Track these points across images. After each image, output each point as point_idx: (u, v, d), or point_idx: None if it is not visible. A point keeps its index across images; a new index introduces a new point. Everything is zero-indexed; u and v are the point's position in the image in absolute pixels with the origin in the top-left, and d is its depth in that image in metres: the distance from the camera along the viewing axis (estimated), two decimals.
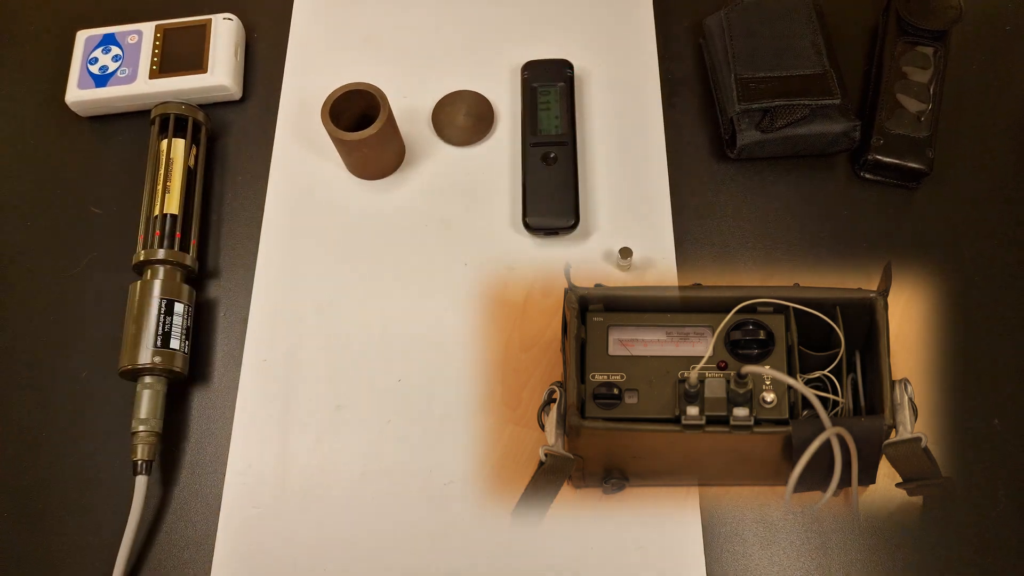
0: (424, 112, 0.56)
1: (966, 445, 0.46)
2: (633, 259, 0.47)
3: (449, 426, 0.47)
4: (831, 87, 0.51)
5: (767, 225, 0.52)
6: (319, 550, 0.44)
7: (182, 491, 0.47)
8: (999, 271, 0.50)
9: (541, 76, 0.55)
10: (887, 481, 0.44)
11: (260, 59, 0.60)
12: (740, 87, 0.52)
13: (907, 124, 0.52)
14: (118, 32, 0.58)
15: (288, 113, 0.57)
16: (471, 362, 0.49)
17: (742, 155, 0.53)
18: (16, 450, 0.48)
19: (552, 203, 0.51)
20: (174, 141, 0.53)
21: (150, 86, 0.56)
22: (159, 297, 0.48)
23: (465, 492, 0.45)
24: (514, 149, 0.55)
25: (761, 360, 0.40)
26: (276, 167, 0.55)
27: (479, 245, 0.52)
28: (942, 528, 0.44)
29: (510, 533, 0.44)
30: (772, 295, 0.41)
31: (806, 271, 0.51)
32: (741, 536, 0.44)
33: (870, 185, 0.53)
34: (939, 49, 0.53)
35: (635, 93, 0.56)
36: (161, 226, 0.50)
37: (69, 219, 0.55)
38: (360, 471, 0.46)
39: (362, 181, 0.55)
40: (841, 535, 0.44)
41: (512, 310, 0.50)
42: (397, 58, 0.58)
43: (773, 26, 0.53)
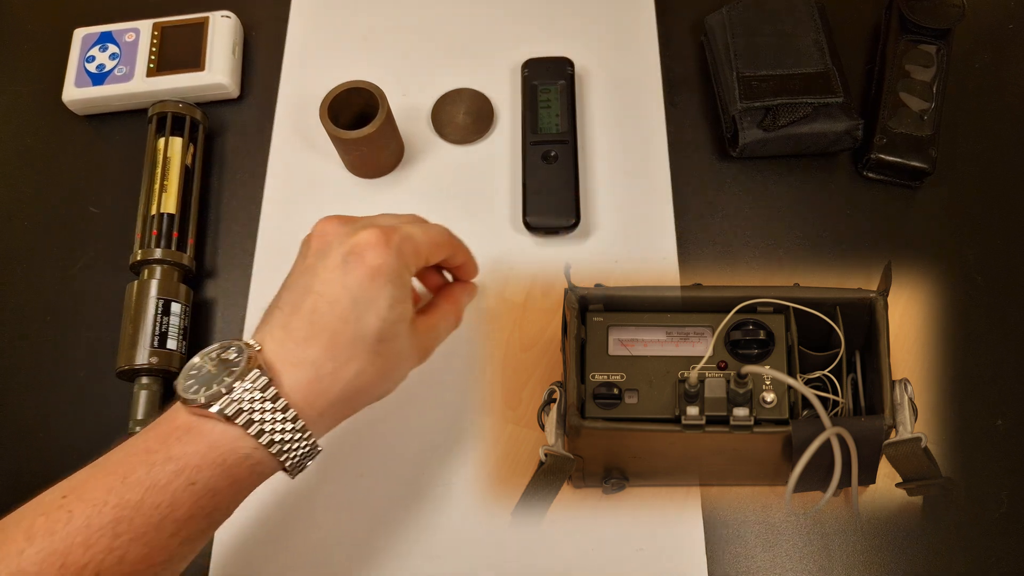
0: (424, 110, 0.56)
1: (966, 445, 0.46)
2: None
3: (449, 426, 0.47)
4: (833, 85, 0.51)
5: (768, 224, 0.52)
6: (318, 551, 0.44)
7: None
8: (1001, 271, 0.50)
9: (541, 74, 0.55)
10: (887, 481, 0.44)
11: (258, 57, 0.59)
12: (742, 85, 0.51)
13: (910, 123, 0.51)
14: (115, 30, 0.57)
15: (286, 111, 0.57)
16: (471, 362, 0.48)
17: (744, 154, 0.52)
18: (13, 450, 0.48)
19: (552, 202, 0.51)
20: (171, 140, 0.53)
21: (147, 84, 0.55)
22: (156, 297, 0.48)
23: (465, 492, 0.45)
24: (514, 148, 0.55)
25: (761, 360, 0.40)
26: (274, 166, 0.55)
27: (479, 245, 0.52)
28: (942, 528, 0.44)
29: (510, 533, 0.44)
30: (772, 295, 0.40)
31: (806, 271, 0.51)
32: (743, 537, 0.44)
33: (872, 184, 0.53)
34: (942, 47, 0.53)
35: (636, 91, 0.56)
36: (158, 225, 0.50)
37: (66, 218, 0.54)
38: (359, 471, 0.46)
39: (361, 180, 0.54)
40: (842, 536, 0.44)
41: (512, 310, 0.50)
42: (396, 56, 0.58)
43: (775, 24, 0.53)
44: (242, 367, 0.33)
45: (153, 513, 0.31)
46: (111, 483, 0.31)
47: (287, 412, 0.33)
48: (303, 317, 0.35)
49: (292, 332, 0.35)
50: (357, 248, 0.36)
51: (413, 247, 0.37)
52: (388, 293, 0.36)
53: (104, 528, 0.30)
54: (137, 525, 0.31)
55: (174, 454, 0.32)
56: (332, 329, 0.35)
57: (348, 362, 0.35)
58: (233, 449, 0.33)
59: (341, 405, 0.36)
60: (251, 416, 0.33)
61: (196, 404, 0.33)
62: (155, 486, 0.31)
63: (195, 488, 0.32)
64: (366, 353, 0.35)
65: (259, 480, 0.34)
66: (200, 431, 0.33)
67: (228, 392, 0.32)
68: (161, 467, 0.32)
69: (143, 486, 0.31)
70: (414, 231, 0.38)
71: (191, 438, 0.32)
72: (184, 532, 0.32)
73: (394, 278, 0.36)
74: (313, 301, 0.35)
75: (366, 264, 0.35)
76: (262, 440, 0.33)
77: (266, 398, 0.33)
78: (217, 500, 0.33)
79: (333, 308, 0.35)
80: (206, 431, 0.33)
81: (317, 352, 0.35)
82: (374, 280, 0.35)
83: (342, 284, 0.35)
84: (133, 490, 0.31)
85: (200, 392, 0.33)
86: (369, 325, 0.35)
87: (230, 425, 0.33)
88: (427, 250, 0.39)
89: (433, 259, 0.40)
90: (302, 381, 0.34)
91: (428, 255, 0.39)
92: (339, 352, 0.35)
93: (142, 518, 0.31)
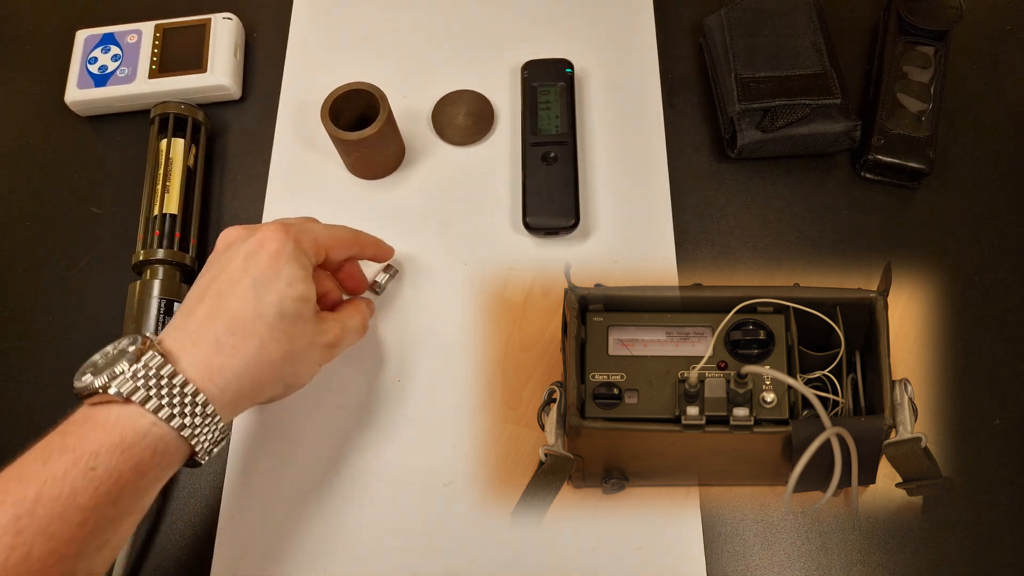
0: (424, 112, 0.56)
1: (966, 445, 0.46)
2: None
3: (449, 426, 0.47)
4: (831, 87, 0.51)
5: (767, 225, 0.52)
6: (319, 550, 0.44)
7: (182, 491, 0.47)
8: (1000, 271, 0.50)
9: (541, 76, 0.55)
10: (887, 481, 0.44)
11: (260, 58, 0.60)
12: (740, 87, 0.52)
13: (908, 124, 0.52)
14: (117, 32, 0.58)
15: (288, 113, 0.57)
16: (471, 362, 0.48)
17: (742, 155, 0.53)
18: (15, 450, 0.48)
19: (552, 203, 0.51)
20: (173, 141, 0.53)
21: (149, 86, 0.56)
22: (158, 297, 0.48)
23: (465, 492, 0.45)
24: (514, 149, 0.55)
25: (761, 360, 0.40)
26: (276, 167, 0.55)
27: (479, 245, 0.52)
28: (942, 528, 0.44)
29: (510, 533, 0.44)
30: (772, 295, 0.41)
31: (806, 271, 0.51)
32: (741, 536, 0.44)
33: (870, 185, 0.53)
34: (940, 49, 0.53)
35: (635, 92, 0.56)
36: (160, 226, 0.50)
37: (68, 219, 0.55)
38: (360, 471, 0.46)
39: (362, 181, 0.54)
40: (841, 535, 0.44)
41: (512, 310, 0.50)
42: (397, 58, 0.58)
43: (773, 25, 0.53)
44: (135, 350, 0.34)
45: (54, 504, 0.31)
46: (7, 485, 0.31)
47: (186, 387, 0.34)
48: (206, 303, 0.37)
49: (195, 316, 0.36)
50: (258, 240, 0.38)
51: (312, 237, 0.40)
52: (287, 272, 0.37)
53: (5, 527, 0.30)
54: (39, 518, 0.30)
55: (69, 444, 0.32)
56: (233, 308, 0.36)
57: (249, 336, 0.36)
58: (132, 428, 0.33)
59: (246, 379, 0.36)
60: (147, 393, 0.33)
61: (90, 391, 0.33)
62: (52, 478, 0.31)
63: (96, 474, 0.31)
64: (267, 328, 0.36)
65: (165, 464, 0.34)
66: (95, 419, 0.33)
67: (121, 374, 0.33)
68: (57, 459, 0.32)
69: (40, 480, 0.31)
70: (313, 226, 0.41)
71: (87, 427, 0.33)
72: (91, 521, 0.31)
73: (292, 260, 0.38)
74: (216, 287, 0.37)
75: (266, 250, 0.38)
76: (161, 415, 0.33)
77: (162, 375, 0.33)
78: (121, 485, 0.32)
79: (234, 289, 0.37)
80: (101, 417, 0.33)
81: (218, 328, 0.36)
82: (274, 261, 0.37)
83: (243, 270, 0.37)
84: (29, 486, 0.31)
85: (93, 379, 0.33)
86: (269, 301, 0.37)
87: (127, 405, 0.33)
88: (327, 242, 0.41)
89: (336, 254, 0.42)
90: (202, 357, 0.35)
91: (329, 247, 0.41)
92: (239, 327, 0.36)
93: (43, 510, 0.30)
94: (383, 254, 0.48)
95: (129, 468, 0.32)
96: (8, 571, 0.29)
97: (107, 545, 0.33)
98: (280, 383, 0.39)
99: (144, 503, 0.34)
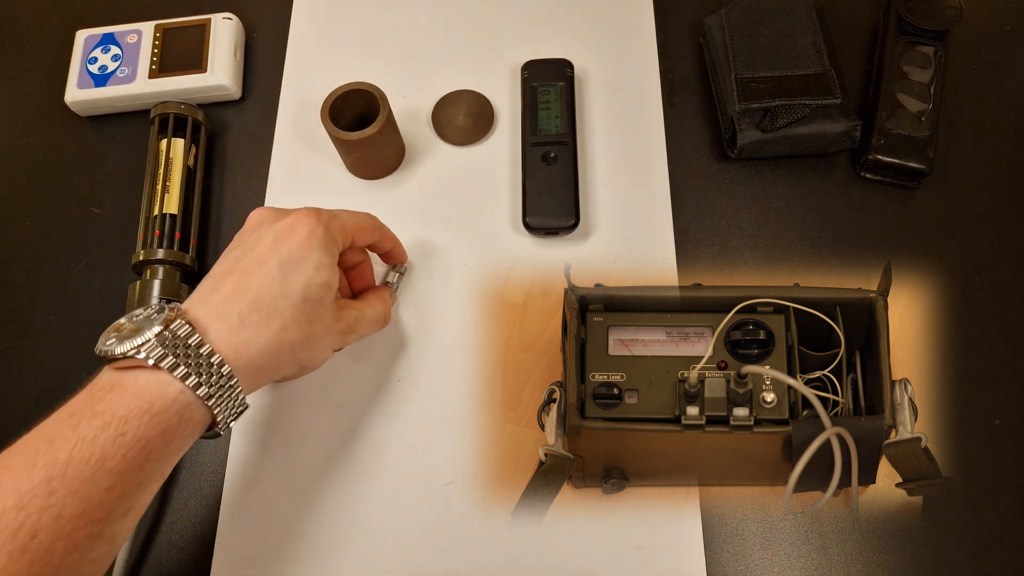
0: (424, 112, 0.56)
1: (966, 445, 0.46)
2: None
3: (449, 426, 0.47)
4: (831, 87, 0.51)
5: (767, 225, 0.52)
6: (319, 550, 0.44)
7: (182, 491, 0.47)
8: (1000, 271, 0.50)
9: (541, 76, 0.55)
10: (887, 481, 0.44)
11: (260, 58, 0.60)
12: (740, 87, 0.52)
13: (907, 124, 0.52)
14: (117, 32, 0.58)
15: (288, 113, 0.57)
16: (471, 362, 0.48)
17: (742, 155, 0.53)
18: None
19: (552, 203, 0.51)
20: (173, 141, 0.53)
21: (149, 86, 0.56)
22: (158, 297, 0.48)
23: (465, 492, 0.45)
24: (514, 149, 0.55)
25: (761, 360, 0.40)
26: (276, 167, 0.55)
27: (479, 245, 0.52)
28: (942, 528, 0.44)
29: (510, 533, 0.44)
30: (772, 295, 0.41)
31: (806, 271, 0.51)
32: (741, 536, 0.44)
33: (870, 185, 0.53)
34: (940, 49, 0.53)
35: (635, 93, 0.56)
36: (160, 226, 0.50)
37: (68, 219, 0.55)
38: (360, 471, 0.46)
39: (362, 181, 0.54)
40: (841, 535, 0.44)
41: (512, 310, 0.50)
42: (397, 58, 0.58)
43: (773, 25, 0.53)
44: (164, 317, 0.34)
45: (84, 467, 0.31)
46: (37, 447, 0.31)
47: (213, 357, 0.34)
48: (232, 279, 0.37)
49: (220, 291, 0.37)
50: (289, 223, 0.39)
51: (340, 224, 0.41)
52: (315, 257, 0.38)
53: (36, 488, 0.30)
54: (70, 480, 0.31)
55: (99, 410, 0.32)
56: (259, 286, 0.37)
57: (273, 316, 0.37)
58: (160, 395, 0.33)
59: (267, 358, 0.37)
60: (176, 360, 0.33)
61: (118, 357, 0.33)
62: (82, 441, 0.31)
63: (125, 439, 0.32)
64: (291, 310, 0.37)
65: (189, 431, 0.34)
66: (123, 385, 0.33)
67: (149, 340, 0.33)
68: (87, 423, 0.32)
69: (70, 443, 0.31)
70: (342, 212, 0.42)
71: (116, 393, 0.33)
72: (120, 486, 0.32)
73: (321, 245, 0.39)
74: (243, 264, 0.38)
75: (297, 234, 0.38)
76: (188, 383, 0.33)
77: (190, 344, 0.34)
78: (148, 450, 0.33)
79: (261, 267, 0.37)
80: (129, 383, 0.33)
81: (243, 306, 0.36)
82: (304, 245, 0.38)
83: (272, 250, 0.38)
84: (60, 448, 0.31)
85: (118, 344, 0.33)
86: (295, 283, 0.38)
87: (155, 371, 0.33)
88: (354, 229, 0.42)
89: (360, 240, 0.43)
90: (227, 331, 0.36)
91: (355, 234, 0.42)
92: (265, 306, 0.37)
93: (73, 472, 0.31)
94: (399, 254, 0.48)
95: (156, 434, 0.33)
96: (40, 531, 0.30)
97: (131, 512, 0.33)
98: (295, 364, 0.40)
99: (166, 470, 0.35)
